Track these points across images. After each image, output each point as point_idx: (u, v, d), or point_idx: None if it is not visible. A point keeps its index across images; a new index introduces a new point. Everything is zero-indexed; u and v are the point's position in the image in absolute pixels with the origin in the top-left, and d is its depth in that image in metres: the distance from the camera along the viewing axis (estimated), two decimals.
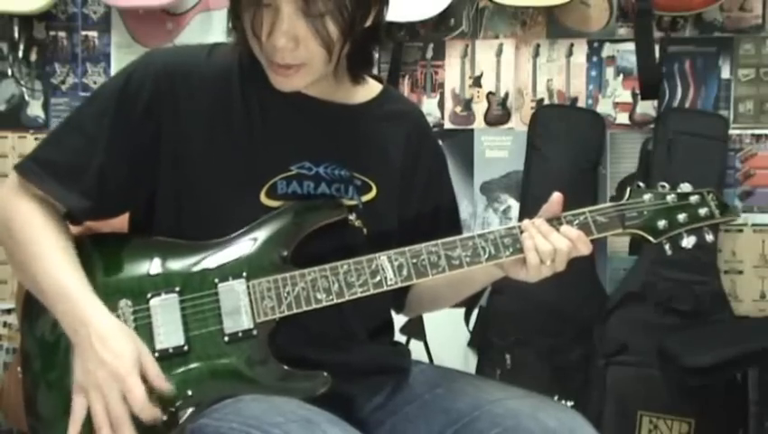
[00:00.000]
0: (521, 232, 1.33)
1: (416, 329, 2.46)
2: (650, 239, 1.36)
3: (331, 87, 1.42)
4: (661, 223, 1.35)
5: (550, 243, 1.31)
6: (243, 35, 1.31)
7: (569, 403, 2.41)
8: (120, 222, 1.48)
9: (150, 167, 1.36)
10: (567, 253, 1.32)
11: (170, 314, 1.30)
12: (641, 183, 1.38)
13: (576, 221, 1.34)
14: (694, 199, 1.37)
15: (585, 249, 1.33)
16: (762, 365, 2.36)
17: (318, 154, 1.39)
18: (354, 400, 1.39)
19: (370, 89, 1.49)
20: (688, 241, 1.36)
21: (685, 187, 1.38)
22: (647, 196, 1.36)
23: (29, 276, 1.32)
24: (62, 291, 1.28)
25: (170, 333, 1.30)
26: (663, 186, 1.38)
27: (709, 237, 1.37)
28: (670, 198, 1.37)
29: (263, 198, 1.35)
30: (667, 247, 1.37)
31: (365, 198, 1.42)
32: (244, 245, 1.33)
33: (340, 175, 1.40)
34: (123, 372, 1.24)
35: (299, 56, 1.28)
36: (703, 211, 1.37)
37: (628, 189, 1.37)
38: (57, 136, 1.40)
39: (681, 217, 1.36)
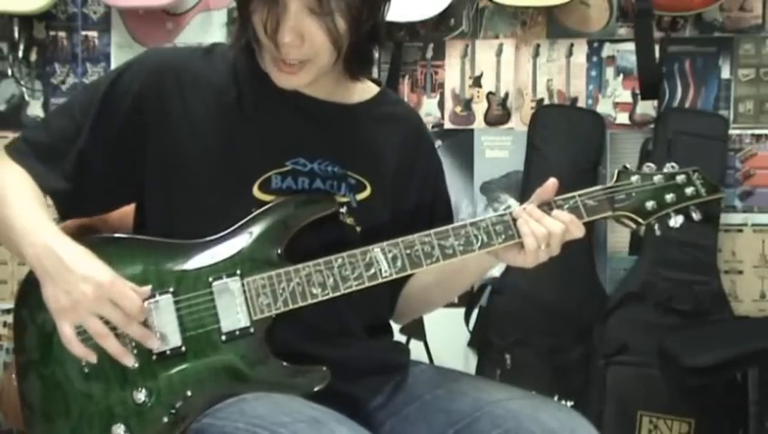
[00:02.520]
0: (514, 220, 1.34)
1: (416, 329, 2.45)
2: (640, 220, 1.37)
3: (328, 86, 1.42)
4: (650, 204, 1.36)
5: (544, 227, 1.31)
6: (247, 32, 1.32)
7: (569, 403, 2.41)
8: (119, 222, 1.48)
9: (134, 164, 1.37)
10: (561, 236, 1.32)
11: (165, 315, 1.30)
12: (628, 165, 1.39)
13: (567, 206, 1.35)
14: (680, 179, 1.38)
15: (577, 231, 1.33)
16: (762, 365, 2.36)
17: (312, 150, 1.39)
18: (355, 401, 1.38)
19: (368, 91, 1.49)
20: (675, 221, 1.37)
21: (670, 167, 1.39)
22: (634, 178, 1.37)
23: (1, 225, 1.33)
24: (29, 226, 1.29)
25: (166, 334, 1.29)
26: (650, 166, 1.39)
27: (696, 216, 1.38)
28: (657, 178, 1.38)
29: (256, 192, 1.36)
30: (656, 227, 1.38)
31: (359, 196, 1.42)
32: (236, 242, 1.33)
33: (333, 172, 1.40)
34: (108, 280, 1.24)
35: (304, 52, 1.29)
36: (689, 190, 1.38)
37: (615, 171, 1.39)
38: (47, 119, 1.47)
39: (669, 197, 1.37)
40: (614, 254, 2.66)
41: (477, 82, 2.73)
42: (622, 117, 2.68)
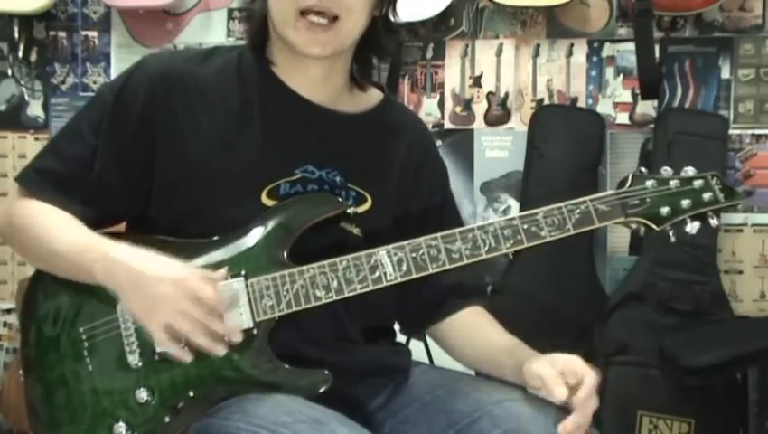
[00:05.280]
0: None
1: None
2: (654, 227, 1.32)
3: (332, 94, 1.42)
4: (664, 210, 1.32)
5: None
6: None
7: None
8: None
9: (148, 172, 1.36)
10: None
11: None
12: (644, 169, 1.34)
13: (578, 210, 1.31)
14: (698, 184, 1.33)
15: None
16: (762, 365, 2.36)
17: (320, 158, 1.39)
18: (355, 401, 1.38)
19: (371, 98, 1.49)
20: (692, 227, 1.32)
21: (689, 171, 1.34)
22: (649, 183, 1.33)
23: (51, 258, 1.33)
24: (85, 247, 1.29)
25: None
26: (666, 170, 1.34)
27: (714, 221, 1.33)
28: (673, 183, 1.33)
29: (264, 199, 1.35)
30: (671, 234, 1.33)
31: (360, 209, 1.41)
32: (242, 242, 1.33)
33: (340, 183, 1.40)
34: (183, 276, 1.24)
35: (337, 2, 1.29)
36: (707, 195, 1.33)
37: (630, 175, 1.33)
38: (56, 144, 1.42)
39: (685, 203, 1.32)
40: (614, 254, 2.66)
41: (477, 82, 2.73)
42: (623, 118, 2.68)
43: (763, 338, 2.34)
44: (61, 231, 1.33)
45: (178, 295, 1.23)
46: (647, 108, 2.66)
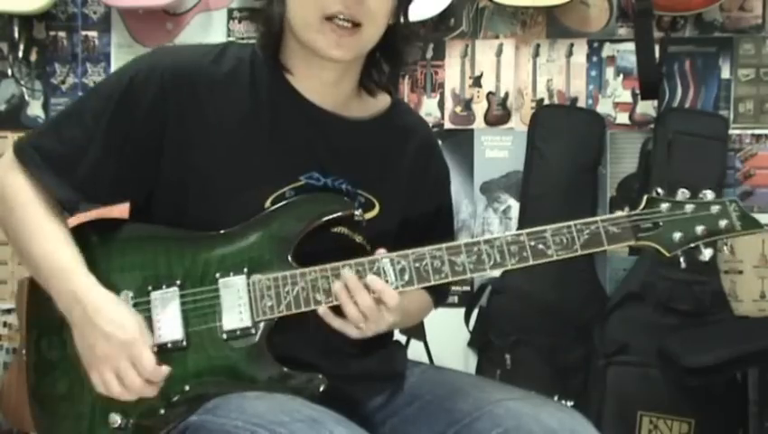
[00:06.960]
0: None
1: (416, 329, 2.45)
2: (664, 252, 1.29)
3: (342, 99, 1.41)
4: (677, 236, 1.28)
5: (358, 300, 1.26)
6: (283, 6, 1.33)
7: (569, 403, 2.41)
8: (120, 209, 1.47)
9: (148, 164, 1.35)
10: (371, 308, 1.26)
11: (170, 308, 1.30)
12: (660, 190, 1.30)
13: (587, 231, 1.29)
14: (715, 209, 1.29)
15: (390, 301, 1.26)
16: (762, 365, 2.36)
17: (327, 165, 1.38)
18: (355, 401, 1.38)
19: (380, 103, 1.48)
20: (705, 254, 1.28)
21: (707, 195, 1.30)
22: (664, 206, 1.29)
23: (25, 255, 1.34)
24: (55, 268, 1.30)
25: (169, 327, 1.30)
26: (683, 193, 1.30)
27: (727, 249, 1.30)
28: (689, 208, 1.29)
29: (268, 205, 1.34)
30: (682, 259, 1.30)
31: (368, 216, 1.40)
32: (247, 239, 1.32)
33: (347, 190, 1.39)
34: (130, 340, 1.25)
35: (362, 12, 1.29)
36: (723, 222, 1.29)
37: (645, 196, 1.30)
38: (57, 124, 1.40)
39: (699, 229, 1.28)
40: (614, 254, 2.66)
41: (477, 82, 2.73)
42: (622, 118, 2.68)
43: (763, 338, 2.34)
44: (43, 238, 1.32)
45: (119, 356, 1.24)
46: (647, 108, 2.66)
